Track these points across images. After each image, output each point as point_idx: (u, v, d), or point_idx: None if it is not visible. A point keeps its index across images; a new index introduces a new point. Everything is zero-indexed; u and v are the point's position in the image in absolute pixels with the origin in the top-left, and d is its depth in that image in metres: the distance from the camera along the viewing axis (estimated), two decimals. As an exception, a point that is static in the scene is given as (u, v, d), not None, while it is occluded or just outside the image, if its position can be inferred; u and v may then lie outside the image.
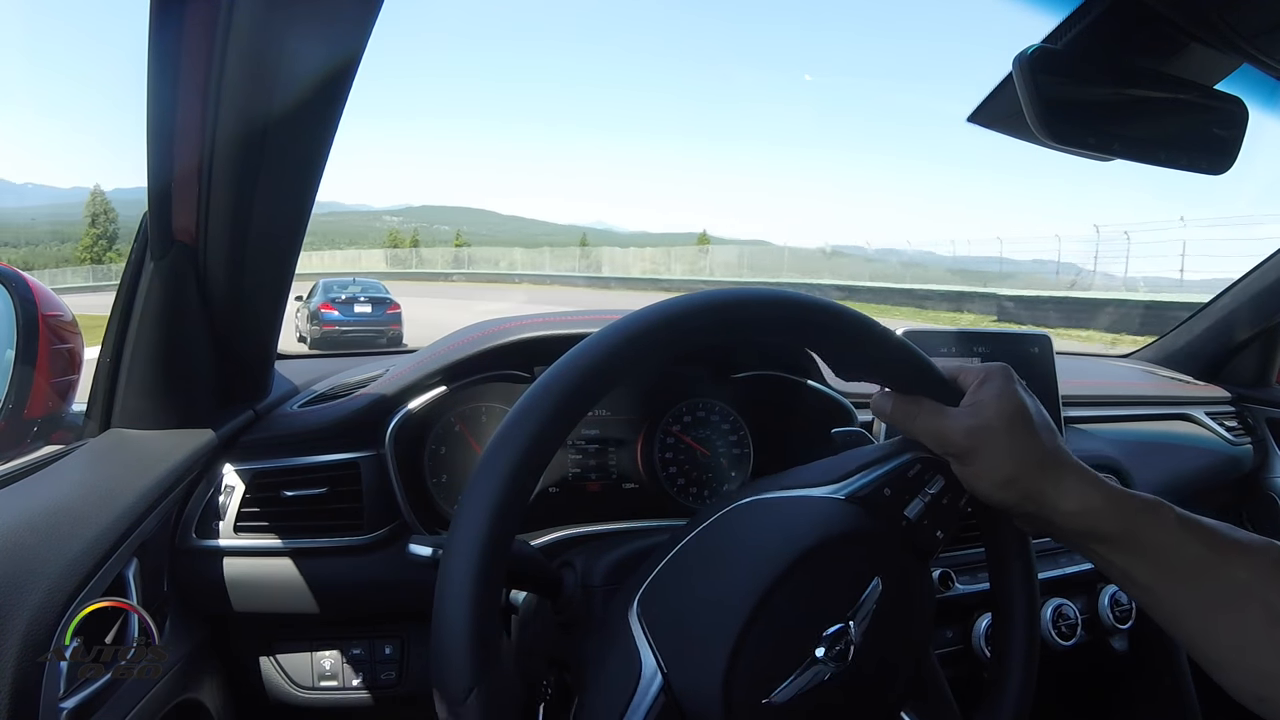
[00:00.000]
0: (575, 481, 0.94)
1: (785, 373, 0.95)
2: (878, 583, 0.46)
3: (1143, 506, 0.46)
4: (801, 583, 0.44)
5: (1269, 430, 1.54)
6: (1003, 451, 0.47)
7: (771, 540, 0.46)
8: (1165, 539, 0.46)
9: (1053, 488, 0.47)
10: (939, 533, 0.49)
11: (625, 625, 0.45)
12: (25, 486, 0.64)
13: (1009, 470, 0.47)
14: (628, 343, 0.42)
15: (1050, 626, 0.98)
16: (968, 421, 0.47)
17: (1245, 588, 0.44)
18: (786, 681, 0.43)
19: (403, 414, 0.81)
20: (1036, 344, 1.14)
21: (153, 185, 0.64)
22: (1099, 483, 0.47)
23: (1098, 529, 0.47)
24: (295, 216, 0.71)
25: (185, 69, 0.56)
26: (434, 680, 0.38)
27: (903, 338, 0.50)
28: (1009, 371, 0.50)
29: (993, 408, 0.47)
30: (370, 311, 10.61)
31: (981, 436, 0.47)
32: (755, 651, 0.42)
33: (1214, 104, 0.56)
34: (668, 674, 0.42)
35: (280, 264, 0.75)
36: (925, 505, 0.49)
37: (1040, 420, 0.48)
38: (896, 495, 0.49)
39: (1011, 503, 0.48)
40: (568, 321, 0.87)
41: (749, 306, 0.45)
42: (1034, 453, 0.47)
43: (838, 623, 0.44)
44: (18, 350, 0.69)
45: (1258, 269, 1.48)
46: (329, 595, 0.79)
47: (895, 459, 0.50)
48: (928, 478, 0.49)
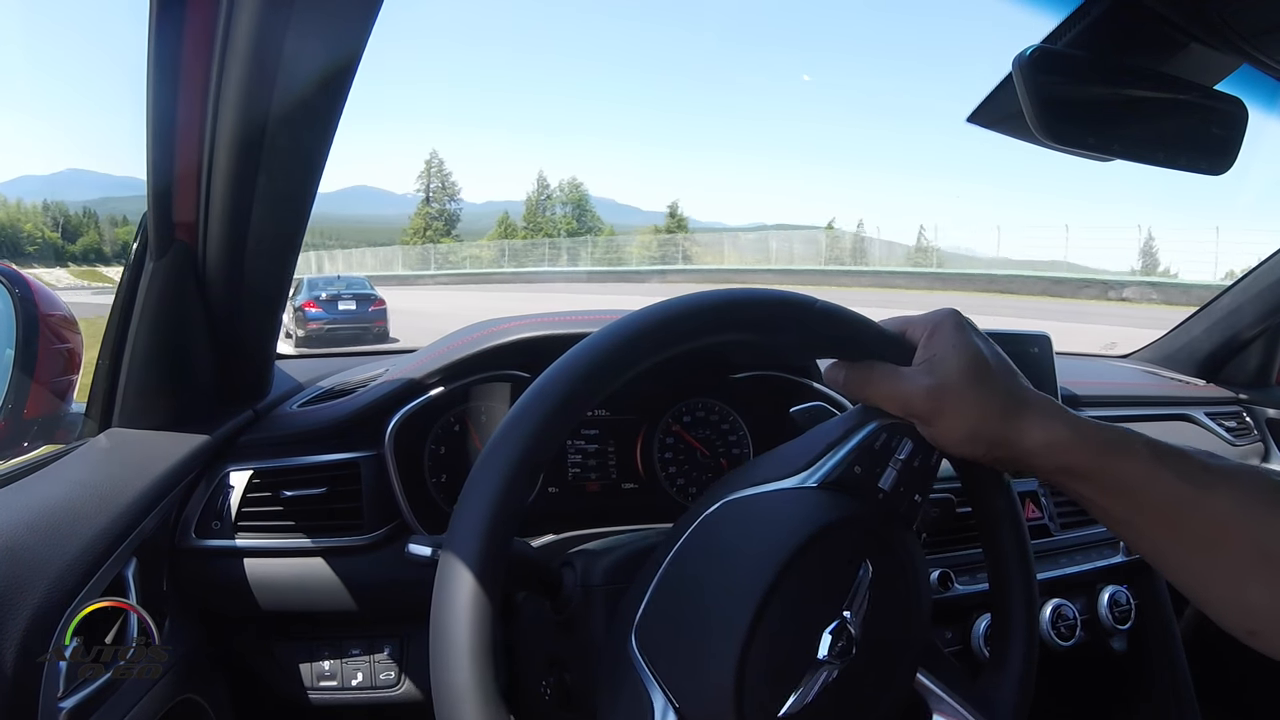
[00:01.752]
0: (575, 481, 0.94)
1: (785, 373, 0.95)
2: (867, 566, 0.45)
3: (1111, 439, 0.44)
4: (791, 587, 0.43)
5: (1269, 431, 1.54)
6: (966, 405, 0.45)
7: (753, 549, 0.45)
8: (1138, 472, 0.44)
9: (1016, 431, 0.45)
10: (916, 496, 0.48)
11: (627, 658, 0.44)
12: (25, 486, 0.64)
13: (972, 424, 0.45)
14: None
15: (1049, 627, 0.98)
16: (925, 381, 0.46)
17: (1227, 520, 0.42)
18: (797, 690, 0.42)
19: (403, 413, 0.81)
20: (1036, 344, 1.14)
21: (153, 184, 0.64)
22: (1065, 416, 0.45)
23: (1068, 464, 0.45)
24: (295, 216, 0.71)
25: (185, 68, 0.56)
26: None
27: (830, 303, 0.47)
28: (958, 316, 0.48)
29: (949, 361, 0.46)
30: (355, 308, 10.62)
31: (942, 395, 0.45)
32: (759, 667, 0.41)
33: (1214, 104, 0.55)
34: (679, 708, 0.41)
35: (280, 264, 0.75)
36: (898, 473, 0.48)
37: (997, 363, 0.47)
38: (867, 470, 0.48)
39: (980, 453, 0.46)
40: (568, 321, 0.88)
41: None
42: (995, 399, 0.45)
43: (835, 618, 0.44)
44: (17, 350, 0.69)
45: (1258, 268, 1.48)
46: (328, 595, 0.79)
47: (859, 431, 0.48)
48: (895, 444, 0.48)
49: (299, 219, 0.72)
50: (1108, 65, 0.53)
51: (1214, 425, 1.46)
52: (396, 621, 0.84)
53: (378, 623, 0.85)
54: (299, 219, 0.72)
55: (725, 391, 0.98)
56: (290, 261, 0.76)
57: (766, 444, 0.98)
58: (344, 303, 10.61)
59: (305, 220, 0.73)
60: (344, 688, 0.83)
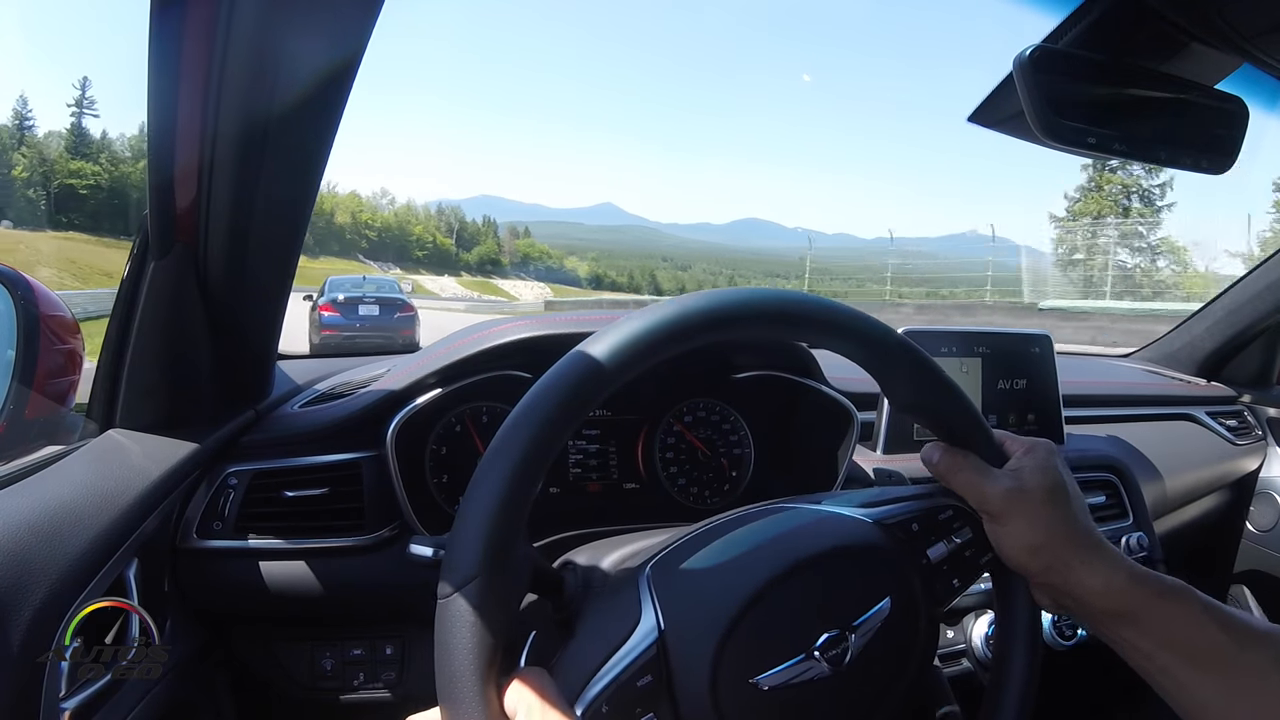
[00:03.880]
0: (576, 482, 0.94)
1: (786, 372, 0.95)
2: (888, 603, 0.47)
3: (1168, 590, 0.47)
4: (813, 579, 0.45)
5: (1270, 430, 1.54)
6: (1036, 518, 0.48)
7: (792, 537, 0.48)
8: (1189, 624, 0.46)
9: (1080, 562, 0.48)
10: (955, 581, 0.50)
11: (633, 586, 0.46)
12: (26, 487, 0.64)
13: (1039, 537, 0.48)
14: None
15: (1050, 626, 0.98)
16: (1008, 483, 0.49)
17: (1263, 676, 0.45)
18: (778, 667, 0.43)
19: (404, 414, 0.81)
20: (1037, 344, 1.14)
21: (153, 184, 0.64)
22: (1125, 563, 0.48)
23: (1120, 609, 0.48)
24: (296, 216, 0.72)
25: (186, 68, 0.56)
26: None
27: (960, 390, 0.51)
28: (1053, 448, 0.52)
29: (1034, 477, 0.49)
30: (377, 314, 9.47)
31: (1018, 500, 0.49)
32: (754, 629, 0.43)
33: (1214, 104, 0.56)
34: (664, 629, 0.43)
35: (281, 264, 0.75)
36: (949, 551, 0.50)
37: (1077, 499, 0.50)
38: (923, 532, 0.50)
39: (1035, 570, 0.49)
40: (568, 321, 0.87)
41: (811, 312, 0.46)
42: (1065, 526, 0.48)
43: (840, 628, 0.45)
44: (18, 351, 0.69)
45: (1259, 268, 1.48)
46: (330, 596, 0.79)
47: (930, 499, 0.52)
48: (957, 525, 0.51)
49: (300, 219, 0.72)
50: (1109, 65, 0.53)
51: (1215, 424, 1.46)
52: (398, 622, 0.84)
53: (379, 623, 0.85)
54: (300, 219, 0.72)
55: (726, 391, 0.98)
56: (291, 262, 0.76)
57: (768, 444, 0.98)
58: (365, 307, 9.50)
59: (306, 220, 0.73)
60: (345, 688, 0.84)
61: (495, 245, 69.87)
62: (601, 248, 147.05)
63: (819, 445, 0.93)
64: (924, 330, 1.07)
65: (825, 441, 0.93)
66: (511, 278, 64.40)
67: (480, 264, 67.48)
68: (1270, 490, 1.49)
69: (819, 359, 0.95)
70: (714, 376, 0.97)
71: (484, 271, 64.17)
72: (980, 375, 1.08)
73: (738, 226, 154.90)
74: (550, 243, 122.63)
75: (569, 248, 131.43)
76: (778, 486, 0.97)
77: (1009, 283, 15.19)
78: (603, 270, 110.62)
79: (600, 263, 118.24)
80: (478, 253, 69.94)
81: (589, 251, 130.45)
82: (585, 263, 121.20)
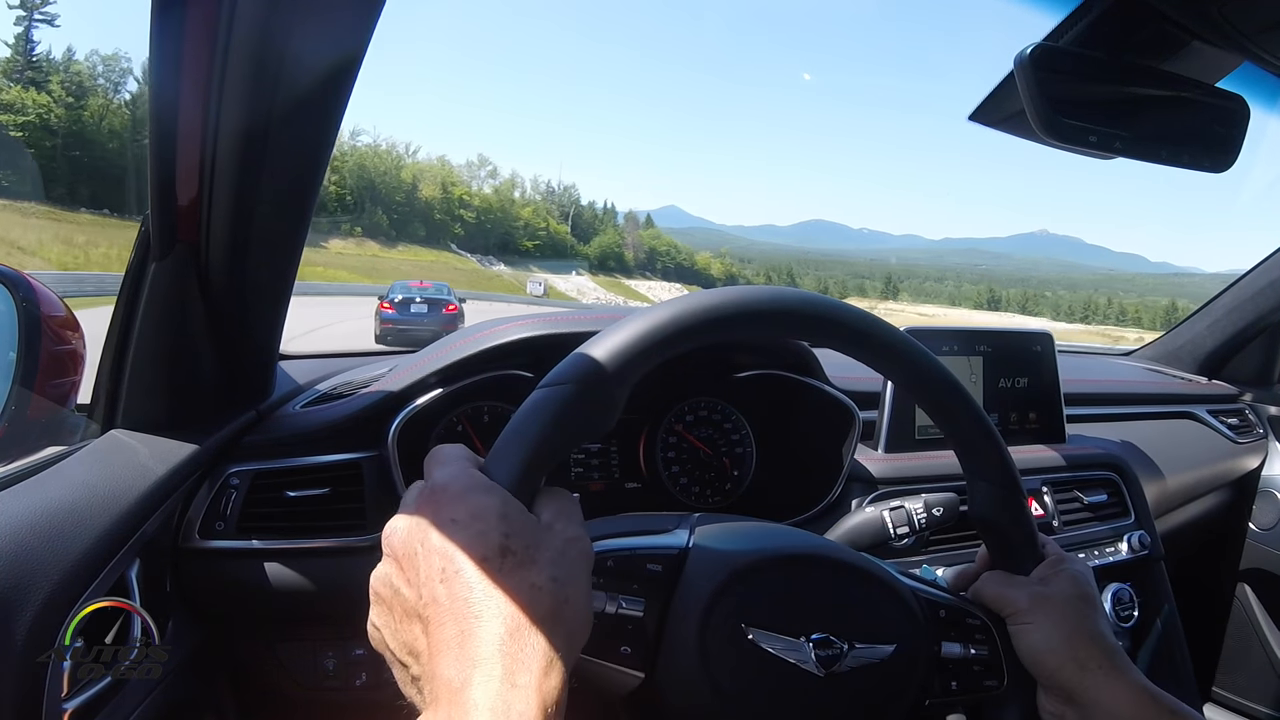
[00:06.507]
0: (578, 481, 0.94)
1: (787, 371, 0.95)
2: (891, 651, 0.47)
3: (1177, 709, 0.48)
4: (840, 582, 0.48)
5: (1271, 428, 1.54)
6: (1062, 619, 0.50)
7: (838, 546, 0.52)
8: None
9: (1096, 667, 0.48)
10: (954, 684, 0.50)
11: (680, 519, 0.51)
12: (28, 488, 0.64)
13: (1063, 638, 0.49)
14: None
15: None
16: (1036, 588, 0.51)
17: None
18: (769, 631, 0.45)
19: (405, 413, 0.81)
20: (1038, 342, 1.14)
21: (155, 184, 0.64)
22: (1142, 678, 0.49)
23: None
24: (297, 216, 0.71)
25: (188, 68, 0.56)
26: None
27: (1021, 482, 0.53)
28: (1087, 567, 0.54)
29: (1066, 584, 0.51)
30: (426, 311, 11.77)
31: (1047, 603, 0.50)
32: (766, 586, 0.46)
33: (1215, 102, 0.56)
34: (689, 549, 0.47)
35: (282, 264, 0.75)
36: (961, 655, 0.50)
37: (1102, 614, 0.52)
38: (947, 623, 0.51)
39: (1051, 666, 0.49)
40: (568, 321, 0.87)
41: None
42: (1088, 628, 0.50)
43: (841, 636, 0.46)
44: (20, 352, 0.69)
45: (1260, 266, 1.48)
46: (332, 595, 0.79)
47: (962, 602, 0.53)
48: (979, 638, 0.51)
49: (301, 219, 0.72)
50: (1109, 63, 0.53)
51: (1216, 423, 1.46)
52: (399, 621, 0.84)
53: (381, 623, 0.85)
54: (301, 219, 0.72)
55: (727, 391, 0.98)
56: (293, 262, 0.76)
57: (768, 443, 0.98)
58: (416, 306, 11.89)
59: (308, 220, 0.73)
60: (347, 688, 0.84)
61: (617, 235, 59.88)
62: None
63: (821, 444, 0.94)
64: (925, 329, 1.07)
65: (827, 440, 0.93)
66: (636, 276, 54.56)
67: (602, 259, 58.30)
68: (1271, 489, 1.48)
69: (820, 358, 0.95)
70: (715, 376, 0.97)
71: (605, 268, 55.96)
72: (982, 373, 1.08)
73: (804, 228, 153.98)
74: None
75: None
76: (779, 486, 0.97)
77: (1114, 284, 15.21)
78: (738, 269, 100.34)
79: (733, 262, 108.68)
80: (598, 244, 59.76)
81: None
82: (718, 260, 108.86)
